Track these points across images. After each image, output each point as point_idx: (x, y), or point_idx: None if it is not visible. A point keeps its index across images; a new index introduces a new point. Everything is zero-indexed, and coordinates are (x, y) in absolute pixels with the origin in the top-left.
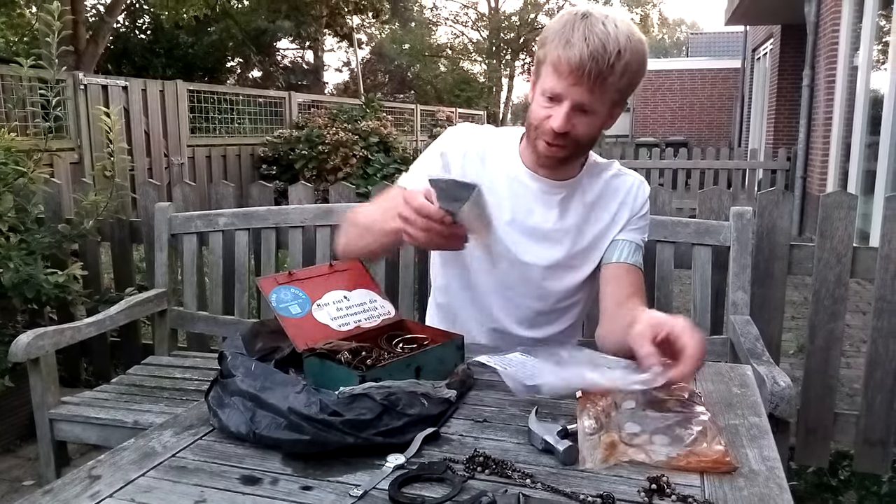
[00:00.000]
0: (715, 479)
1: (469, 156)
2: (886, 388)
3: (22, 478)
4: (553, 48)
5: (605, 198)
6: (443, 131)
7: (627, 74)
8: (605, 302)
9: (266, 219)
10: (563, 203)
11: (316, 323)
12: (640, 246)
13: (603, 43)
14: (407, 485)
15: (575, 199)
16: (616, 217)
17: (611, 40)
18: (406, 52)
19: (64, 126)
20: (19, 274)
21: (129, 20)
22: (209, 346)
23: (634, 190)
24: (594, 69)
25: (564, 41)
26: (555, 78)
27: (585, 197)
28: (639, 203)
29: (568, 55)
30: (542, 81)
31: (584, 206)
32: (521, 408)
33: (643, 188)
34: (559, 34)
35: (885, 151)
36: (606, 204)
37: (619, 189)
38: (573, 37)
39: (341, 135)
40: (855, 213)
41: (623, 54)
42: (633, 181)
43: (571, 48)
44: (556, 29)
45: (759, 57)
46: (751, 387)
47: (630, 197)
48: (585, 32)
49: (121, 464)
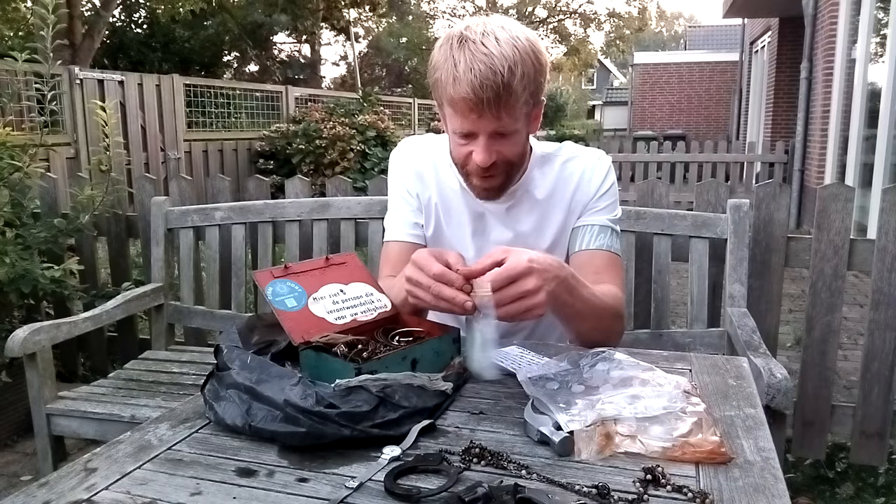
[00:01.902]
0: (710, 470)
1: (422, 174)
2: (883, 380)
3: (20, 473)
4: (443, 87)
5: (558, 190)
6: (440, 125)
7: (528, 83)
8: None
9: (263, 213)
10: (511, 211)
11: (312, 316)
12: (605, 227)
13: (489, 67)
14: (403, 476)
15: (525, 203)
16: (572, 206)
17: (496, 61)
18: (403, 45)
19: (60, 121)
20: (15, 269)
21: (125, 14)
22: (206, 341)
23: (589, 172)
24: (491, 97)
25: (452, 78)
26: (457, 117)
27: (537, 194)
28: (595, 184)
29: (460, 92)
30: (449, 121)
31: (537, 205)
32: (518, 400)
33: (599, 165)
34: (444, 70)
35: (882, 144)
36: (560, 195)
37: (573, 175)
38: (458, 71)
39: (338, 129)
40: (852, 206)
41: (515, 69)
42: (587, 162)
43: (460, 84)
44: (440, 64)
45: (757, 50)
46: (747, 378)
47: (584, 181)
48: (468, 62)
49: (117, 457)
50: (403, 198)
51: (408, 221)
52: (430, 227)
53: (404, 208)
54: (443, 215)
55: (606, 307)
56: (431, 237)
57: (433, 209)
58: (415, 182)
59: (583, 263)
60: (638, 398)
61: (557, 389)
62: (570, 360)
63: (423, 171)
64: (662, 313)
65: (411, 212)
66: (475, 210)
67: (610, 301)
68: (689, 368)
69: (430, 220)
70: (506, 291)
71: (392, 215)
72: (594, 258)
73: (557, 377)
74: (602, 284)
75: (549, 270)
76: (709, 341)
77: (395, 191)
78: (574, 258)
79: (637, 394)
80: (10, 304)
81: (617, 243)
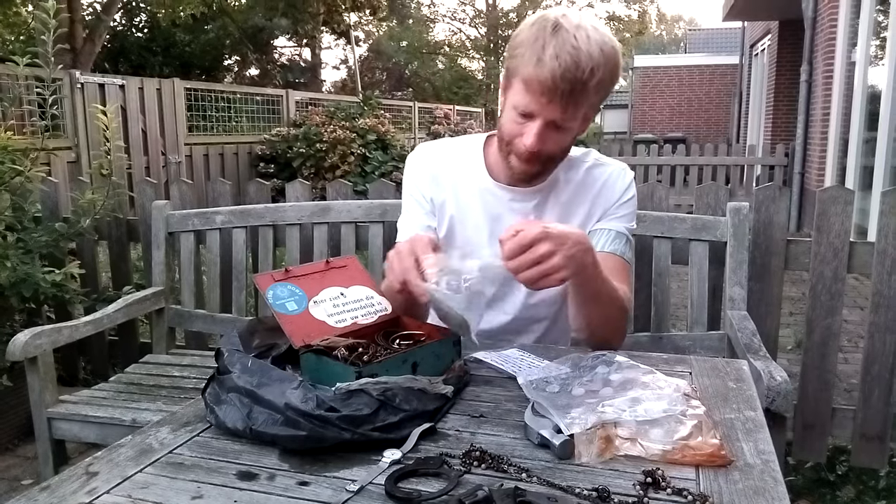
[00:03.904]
0: (710, 473)
1: (437, 178)
2: (884, 382)
3: (21, 477)
4: (524, 63)
5: (581, 193)
6: (441, 129)
7: (601, 89)
8: None
9: (263, 216)
10: (537, 210)
11: (312, 319)
12: (621, 233)
13: (575, 61)
14: (403, 479)
15: (550, 203)
16: (592, 210)
17: (583, 57)
18: (404, 49)
19: (61, 125)
20: (17, 273)
21: (126, 18)
22: (207, 345)
23: (612, 179)
24: (567, 89)
25: (535, 58)
26: (526, 95)
27: (560, 197)
28: (617, 191)
29: (539, 74)
30: (512, 94)
31: (559, 206)
32: (518, 403)
33: (623, 176)
34: (530, 48)
35: (882, 147)
36: (582, 199)
37: (596, 180)
38: (544, 54)
39: (339, 133)
40: (852, 208)
41: (596, 71)
42: (612, 170)
43: (542, 66)
44: (528, 42)
45: (756, 53)
46: (747, 381)
47: (606, 187)
48: (557, 49)
49: (118, 460)
50: (417, 200)
51: (420, 224)
52: (443, 229)
53: (417, 211)
54: (458, 218)
55: (618, 298)
56: (444, 239)
57: (447, 212)
58: (429, 185)
59: None
60: (638, 401)
61: (558, 392)
62: (571, 364)
63: (439, 175)
64: (662, 316)
65: (424, 214)
66: (493, 212)
67: (621, 294)
68: (689, 371)
69: (444, 223)
70: (522, 258)
71: (405, 218)
72: (606, 261)
73: (558, 380)
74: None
75: (568, 237)
76: (709, 344)
77: (409, 193)
78: None
79: (637, 397)
80: (11, 307)
81: (630, 252)
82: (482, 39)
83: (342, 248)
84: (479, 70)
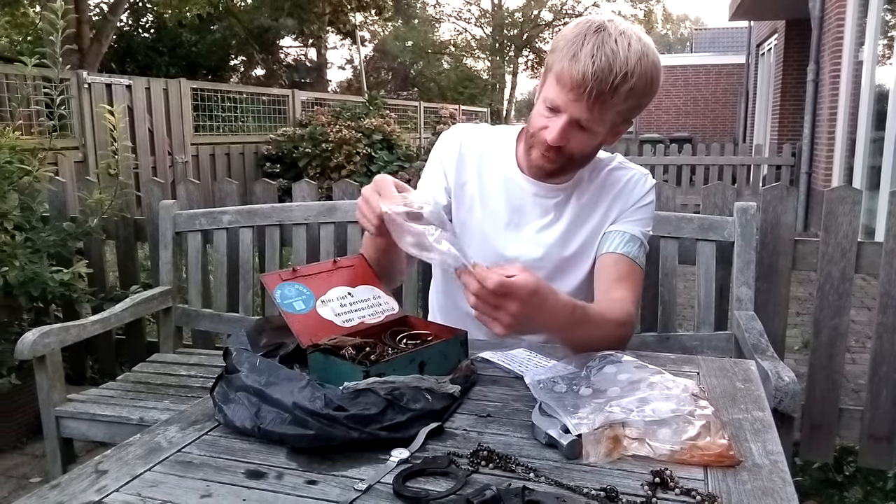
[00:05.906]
0: (718, 473)
1: (465, 158)
2: (891, 383)
3: (29, 475)
4: (560, 58)
5: (601, 194)
6: (446, 128)
7: (632, 98)
8: (595, 293)
9: (270, 216)
10: (558, 207)
11: (320, 319)
12: (635, 237)
13: (610, 63)
14: (411, 479)
15: (571, 202)
16: (608, 211)
17: (619, 61)
18: (409, 49)
19: (68, 125)
20: (25, 272)
21: (133, 19)
22: (214, 344)
23: (632, 183)
24: (595, 88)
25: (572, 54)
26: (557, 89)
27: (581, 198)
28: (635, 195)
29: (571, 69)
30: (545, 88)
31: (579, 206)
32: (525, 402)
33: (644, 181)
34: (570, 44)
35: (890, 146)
36: (601, 200)
37: (617, 182)
38: (581, 51)
39: (345, 132)
40: (859, 208)
41: (629, 78)
42: (634, 174)
43: (576, 63)
44: (569, 38)
45: (763, 52)
46: (755, 381)
47: (625, 190)
48: (594, 49)
49: (127, 459)
50: (436, 175)
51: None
52: (461, 211)
53: (433, 183)
54: (478, 202)
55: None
56: (459, 221)
57: (466, 194)
58: (453, 164)
59: (607, 265)
60: (646, 401)
61: (565, 392)
62: (578, 364)
63: (467, 157)
64: (669, 316)
65: (438, 189)
66: (515, 203)
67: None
68: (697, 371)
69: (462, 205)
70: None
71: (421, 185)
72: (618, 263)
73: (565, 380)
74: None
75: (516, 296)
76: (716, 344)
77: (433, 166)
78: (601, 258)
79: (645, 397)
80: (19, 307)
81: (643, 257)
82: (487, 39)
83: (349, 248)
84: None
